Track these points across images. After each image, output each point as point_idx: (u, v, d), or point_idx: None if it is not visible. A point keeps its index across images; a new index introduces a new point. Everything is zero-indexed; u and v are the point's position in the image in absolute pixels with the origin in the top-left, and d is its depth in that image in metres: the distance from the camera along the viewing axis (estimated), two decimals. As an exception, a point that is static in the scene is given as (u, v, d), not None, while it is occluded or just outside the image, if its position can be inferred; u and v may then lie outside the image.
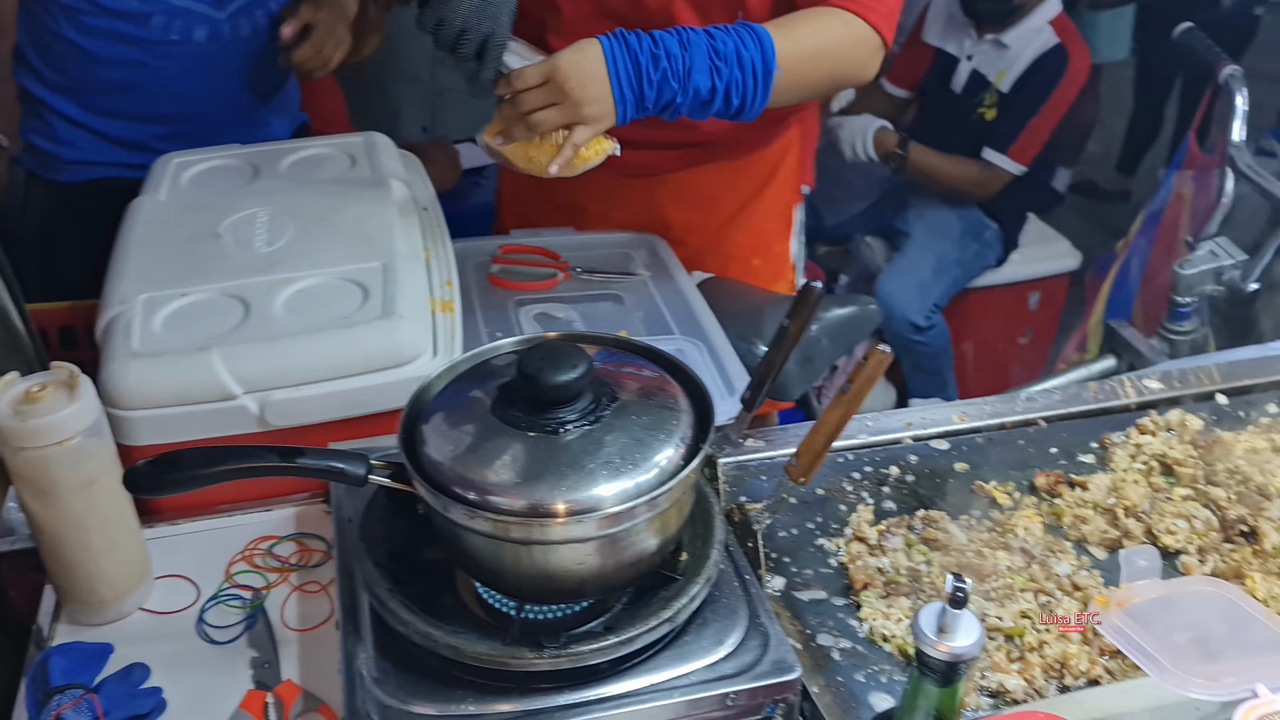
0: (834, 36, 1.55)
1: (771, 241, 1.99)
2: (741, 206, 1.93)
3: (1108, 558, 1.24)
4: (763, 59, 1.48)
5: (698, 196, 1.89)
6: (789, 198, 2.00)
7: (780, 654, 1.00)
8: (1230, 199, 2.01)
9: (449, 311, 1.44)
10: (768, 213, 1.96)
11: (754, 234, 1.96)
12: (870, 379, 1.08)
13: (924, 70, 3.25)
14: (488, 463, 0.96)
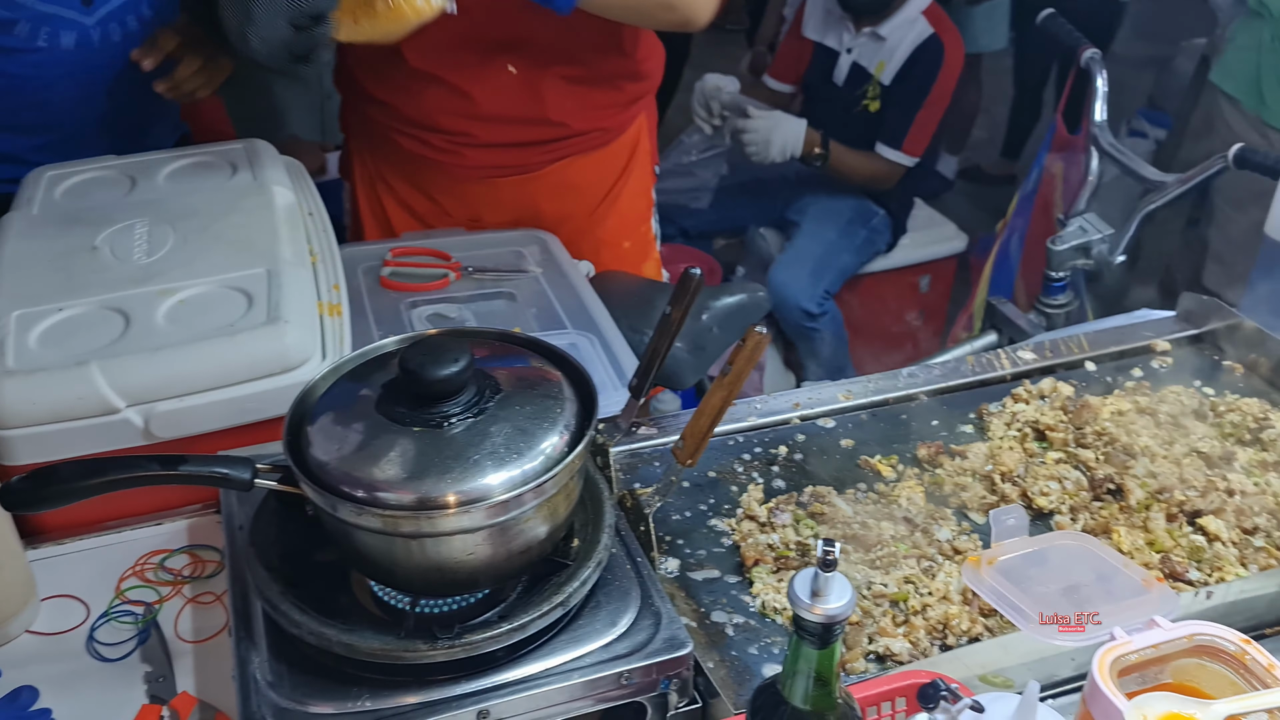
0: None
1: (637, 223, 2.07)
2: (607, 192, 1.99)
3: (986, 522, 1.29)
4: None
5: (567, 188, 1.94)
6: (647, 179, 2.08)
7: (672, 631, 1.03)
8: (1096, 177, 2.11)
9: (337, 315, 1.43)
10: (632, 195, 2.03)
11: (621, 217, 2.03)
12: (749, 360, 1.11)
13: (805, 64, 3.32)
14: (374, 460, 0.96)
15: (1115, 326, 1.70)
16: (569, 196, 1.96)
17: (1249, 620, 1.18)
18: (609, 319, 1.70)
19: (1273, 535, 1.27)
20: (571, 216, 1.98)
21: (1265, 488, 1.33)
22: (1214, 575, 1.21)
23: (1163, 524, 1.27)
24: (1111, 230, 2.02)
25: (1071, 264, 2.05)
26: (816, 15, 3.27)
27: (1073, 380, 1.55)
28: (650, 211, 2.14)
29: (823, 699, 0.84)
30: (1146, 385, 1.53)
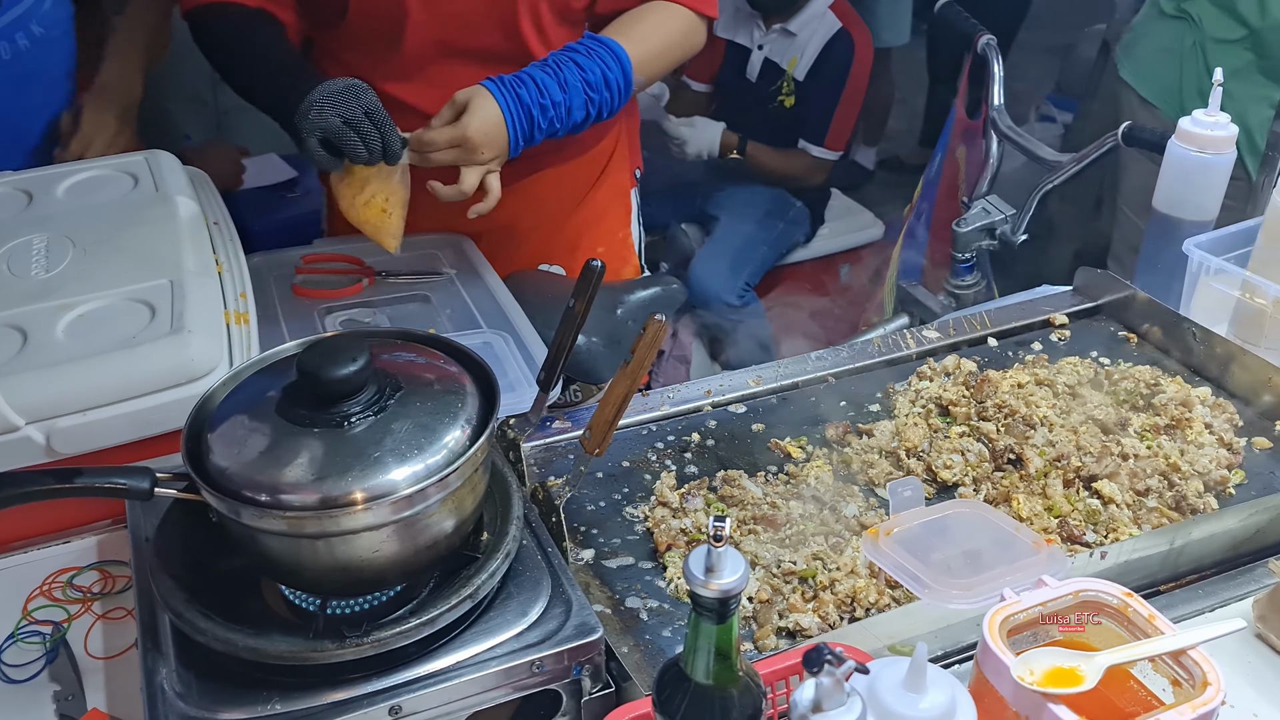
0: (671, 32, 1.74)
1: (614, 229, 2.05)
2: (581, 200, 1.97)
3: (894, 497, 1.33)
4: (624, 76, 1.67)
5: (540, 199, 1.92)
6: (624, 184, 2.06)
7: (583, 618, 1.04)
8: (996, 160, 2.16)
9: (245, 323, 1.42)
10: (606, 201, 2.02)
11: (595, 223, 2.01)
12: (650, 348, 1.13)
13: (719, 63, 3.36)
14: (275, 462, 0.96)
15: (1016, 303, 1.75)
16: (541, 207, 1.94)
17: (1144, 578, 1.22)
18: (524, 318, 1.71)
19: (1164, 496, 1.32)
20: (544, 224, 1.96)
21: (1157, 450, 1.38)
22: (1109, 536, 1.26)
23: (1060, 490, 1.31)
24: (1013, 211, 2.08)
25: (976, 245, 2.10)
26: (727, 13, 3.31)
27: (975, 356, 1.59)
28: (628, 217, 2.11)
29: (724, 673, 0.86)
30: (1045, 358, 1.58)
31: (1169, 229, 1.69)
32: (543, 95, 1.61)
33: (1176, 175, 1.67)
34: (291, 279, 1.80)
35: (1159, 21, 2.75)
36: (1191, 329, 1.59)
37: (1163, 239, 1.70)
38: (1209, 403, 1.47)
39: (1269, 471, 1.40)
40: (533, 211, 1.94)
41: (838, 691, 0.72)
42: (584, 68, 1.65)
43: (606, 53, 1.67)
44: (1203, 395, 1.48)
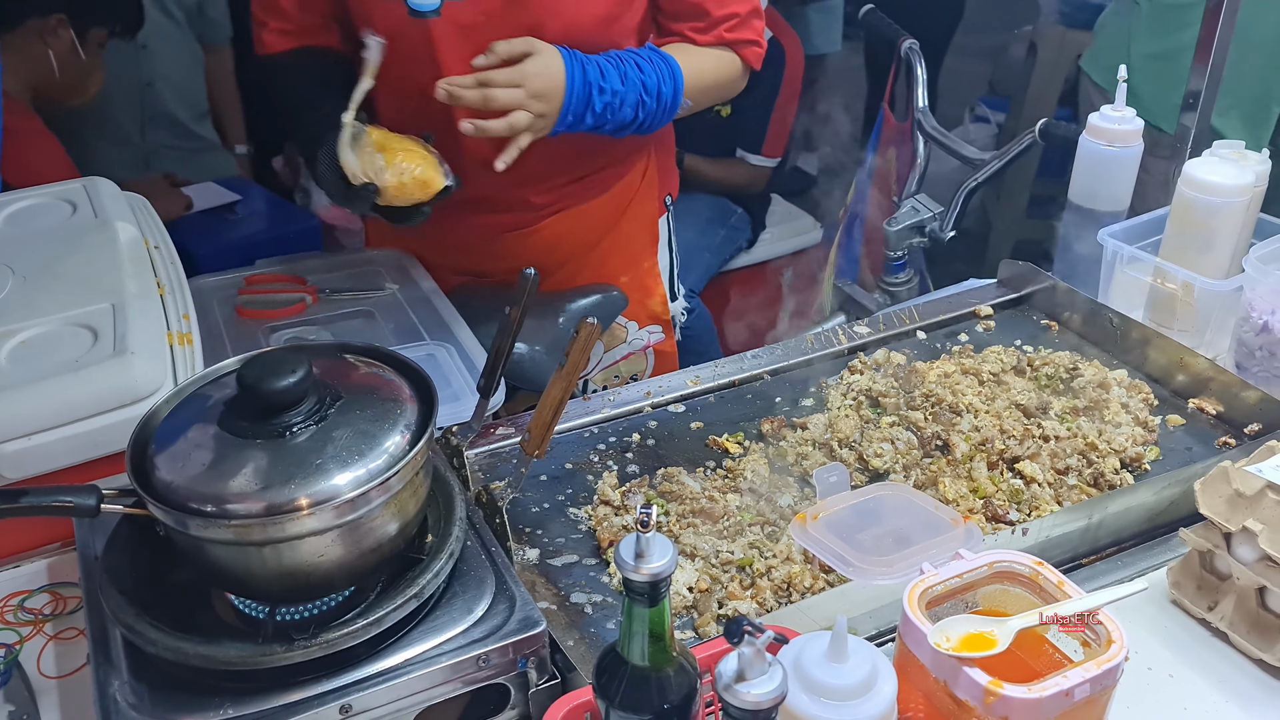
0: (723, 73, 1.79)
1: (639, 258, 2.03)
2: (607, 231, 1.96)
3: (827, 485, 1.38)
4: (674, 94, 1.69)
5: (565, 237, 1.91)
6: (652, 212, 2.04)
7: (526, 613, 1.08)
8: (924, 159, 2.23)
9: (188, 344, 1.45)
10: (631, 232, 2.00)
11: (620, 253, 1.99)
12: (583, 350, 1.17)
13: None
14: (220, 474, 0.99)
15: (944, 296, 1.82)
16: (566, 243, 1.92)
17: (1066, 553, 1.28)
18: (467, 330, 1.75)
19: (1083, 474, 1.38)
20: (570, 258, 1.95)
21: (1076, 432, 1.44)
22: (1032, 514, 1.32)
23: (984, 472, 1.37)
24: (942, 208, 2.15)
25: (908, 243, 2.16)
26: None
27: (905, 349, 1.65)
28: (654, 245, 2.08)
29: (659, 655, 0.91)
30: (971, 348, 1.64)
31: (1084, 220, 1.76)
32: (604, 78, 1.60)
33: (1089, 168, 1.74)
34: (235, 300, 1.82)
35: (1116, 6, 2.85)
36: (1109, 315, 1.66)
37: (1079, 230, 1.77)
38: (1125, 384, 1.54)
39: (1183, 447, 1.47)
40: (559, 249, 1.93)
41: (759, 661, 0.77)
42: (644, 71, 1.66)
43: (665, 66, 1.68)
44: (1119, 377, 1.55)
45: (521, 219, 1.88)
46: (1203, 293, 1.61)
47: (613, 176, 1.92)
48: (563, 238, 1.92)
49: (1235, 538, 1.16)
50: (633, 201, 1.99)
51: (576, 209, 1.91)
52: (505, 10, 1.61)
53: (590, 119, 1.61)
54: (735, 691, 0.77)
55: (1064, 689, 0.87)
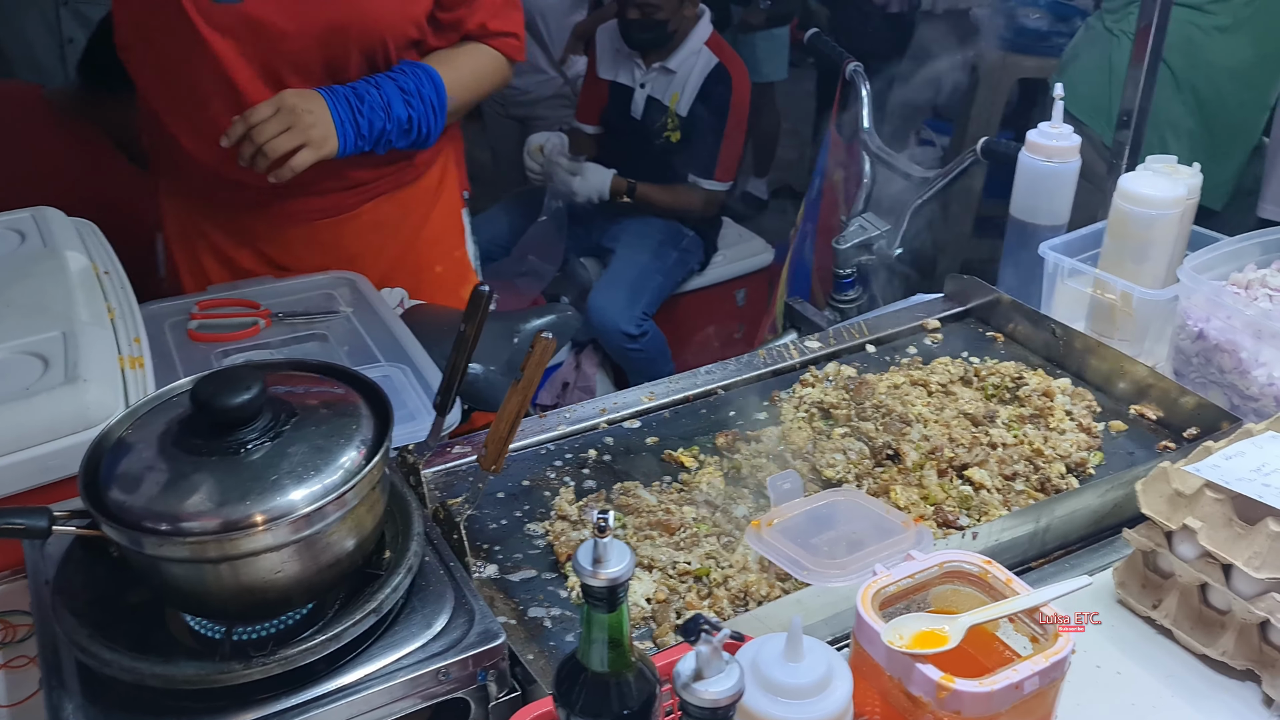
0: (484, 69, 1.93)
1: (450, 248, 2.15)
2: (419, 224, 2.06)
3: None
4: (437, 95, 1.81)
5: (378, 225, 2.00)
6: (456, 204, 2.17)
7: (485, 626, 1.08)
8: (870, 179, 2.28)
9: (139, 368, 1.44)
10: (441, 223, 2.12)
11: (433, 245, 2.11)
12: (539, 365, 1.19)
13: (605, 104, 3.47)
14: (175, 491, 0.99)
15: (892, 311, 1.85)
16: (382, 231, 2.02)
17: (1015, 557, 1.31)
18: (421, 350, 1.75)
19: (1030, 479, 1.42)
20: (385, 249, 2.04)
21: (1023, 438, 1.48)
22: (981, 519, 1.35)
23: (935, 479, 1.39)
24: (889, 226, 2.19)
25: (856, 260, 2.21)
26: (607, 55, 3.42)
27: (855, 363, 1.68)
28: (462, 237, 2.22)
29: (618, 660, 0.91)
30: (919, 360, 1.68)
31: (1026, 234, 1.81)
32: (357, 88, 1.74)
33: (1029, 184, 1.79)
34: (187, 325, 1.81)
35: (1092, 44, 2.94)
36: (1052, 326, 1.71)
37: (1021, 243, 1.81)
38: (1069, 392, 1.58)
39: (1126, 452, 1.51)
40: (375, 236, 2.03)
41: (716, 659, 0.78)
42: (398, 80, 1.79)
43: (419, 70, 1.82)
44: (1063, 386, 1.59)
45: (335, 202, 1.98)
46: (1141, 302, 1.66)
47: (420, 164, 2.04)
48: (372, 225, 2.02)
49: (1176, 536, 1.19)
50: (440, 191, 2.12)
51: (387, 199, 2.03)
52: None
53: (364, 121, 1.75)
54: (693, 690, 0.78)
55: (1014, 682, 0.89)
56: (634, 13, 3.27)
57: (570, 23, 4.11)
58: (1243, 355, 1.53)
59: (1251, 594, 1.12)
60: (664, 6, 3.23)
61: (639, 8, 3.24)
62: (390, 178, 1.98)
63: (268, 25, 1.73)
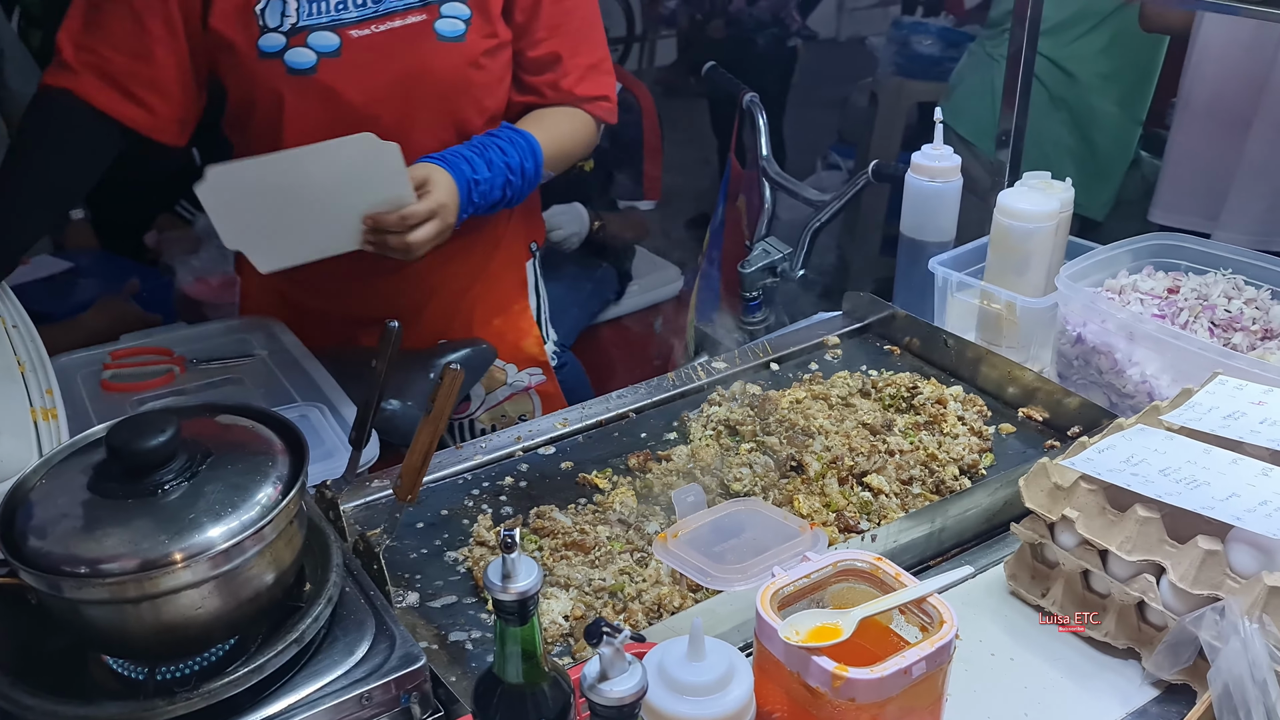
0: (577, 134, 1.91)
1: (509, 301, 2.10)
2: (475, 276, 2.02)
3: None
4: (535, 166, 1.80)
5: (433, 278, 1.95)
6: (520, 256, 2.12)
7: (406, 650, 1.12)
8: (770, 204, 2.36)
9: (52, 419, 1.45)
10: (499, 275, 2.06)
11: (490, 297, 2.05)
12: (448, 397, 1.23)
13: None
14: (92, 535, 1.01)
15: (794, 329, 1.93)
16: (438, 287, 1.97)
17: (914, 556, 1.38)
18: (338, 389, 1.78)
19: (926, 483, 1.49)
20: (439, 301, 1.99)
21: (918, 445, 1.56)
22: (881, 523, 1.42)
23: (836, 487, 1.46)
24: (791, 249, 2.27)
25: (761, 283, 2.28)
26: None
27: (760, 381, 1.75)
28: (524, 289, 2.15)
29: (533, 672, 0.96)
30: (820, 375, 1.75)
31: (916, 250, 1.90)
32: (474, 171, 1.73)
33: (915, 203, 1.89)
34: (100, 375, 1.82)
35: (975, 68, 3.10)
36: (944, 337, 1.80)
37: (912, 260, 1.91)
38: (960, 399, 1.67)
39: (1015, 452, 1.59)
40: (429, 290, 1.98)
41: (620, 660, 0.83)
42: (506, 153, 1.77)
43: (524, 142, 1.79)
44: (955, 393, 1.67)
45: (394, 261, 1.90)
46: (1024, 311, 1.76)
47: (480, 221, 1.97)
48: (435, 281, 1.98)
49: (1057, 527, 1.27)
50: (500, 246, 2.07)
51: (446, 251, 1.93)
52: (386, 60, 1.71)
53: (470, 208, 1.74)
54: (599, 690, 0.83)
55: (902, 667, 0.95)
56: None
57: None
58: (1118, 356, 1.64)
59: (1126, 576, 1.21)
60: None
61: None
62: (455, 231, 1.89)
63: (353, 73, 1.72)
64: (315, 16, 1.70)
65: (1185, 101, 2.76)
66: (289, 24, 1.69)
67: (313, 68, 1.70)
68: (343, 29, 1.71)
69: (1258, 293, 1.68)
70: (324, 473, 1.50)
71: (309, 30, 1.70)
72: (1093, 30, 2.92)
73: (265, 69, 1.70)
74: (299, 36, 1.69)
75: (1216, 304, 1.65)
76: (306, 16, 1.69)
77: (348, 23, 1.71)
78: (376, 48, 1.72)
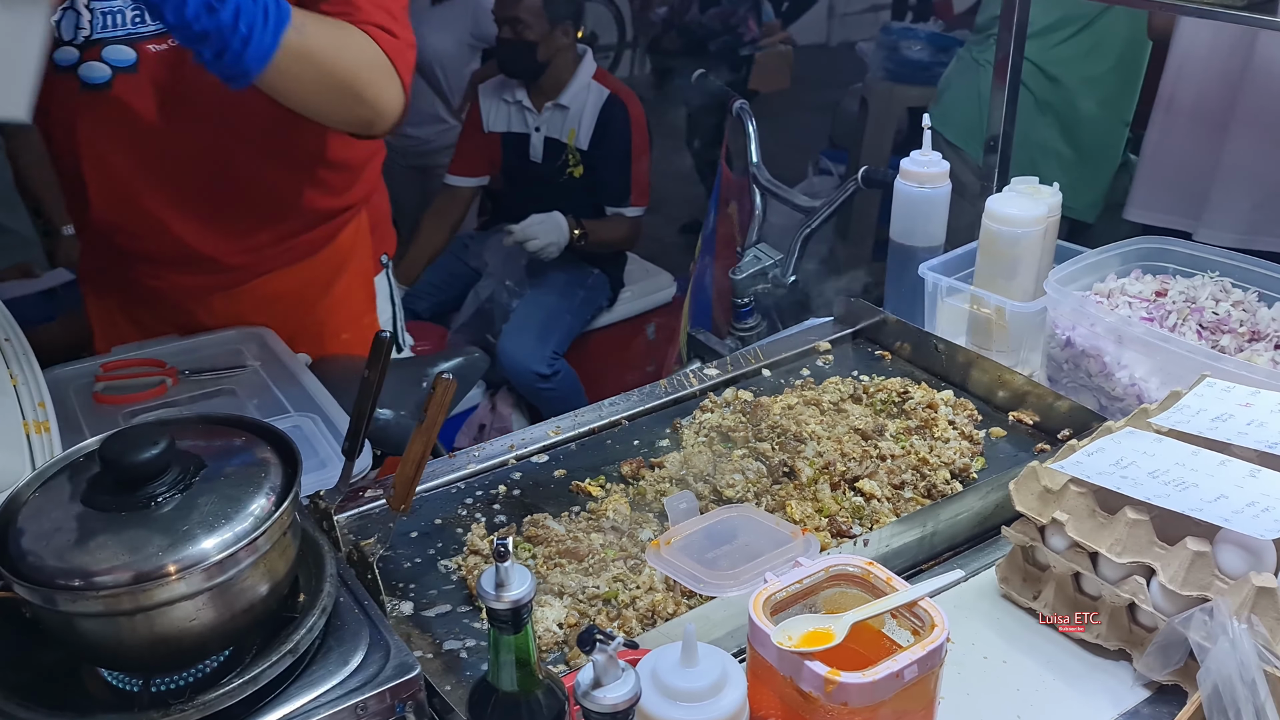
0: (357, 42, 1.59)
1: (359, 315, 2.12)
2: (321, 292, 2.04)
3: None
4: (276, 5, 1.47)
5: (280, 295, 1.97)
6: (368, 270, 2.14)
7: (401, 659, 1.12)
8: (761, 210, 2.37)
9: (45, 432, 1.45)
10: (349, 290, 2.09)
11: (339, 311, 2.07)
12: (441, 406, 1.23)
13: (495, 155, 3.55)
14: (86, 547, 1.01)
15: (785, 336, 1.94)
16: (281, 302, 1.99)
17: (906, 561, 1.39)
18: (331, 400, 1.78)
19: (918, 487, 1.50)
20: (287, 317, 2.01)
21: (910, 449, 1.56)
22: (873, 527, 1.42)
23: (828, 493, 1.47)
24: (782, 255, 2.28)
25: (753, 289, 2.29)
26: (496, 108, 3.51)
27: (752, 387, 1.76)
28: (372, 303, 2.17)
29: (527, 679, 0.97)
30: (812, 381, 1.76)
31: (906, 256, 1.91)
32: None
33: (905, 209, 1.90)
34: (92, 388, 1.82)
35: (962, 74, 3.11)
36: (935, 342, 1.80)
37: (902, 265, 1.92)
38: (951, 403, 1.68)
39: (1006, 456, 1.60)
40: (276, 306, 1.98)
41: (613, 667, 0.83)
42: None
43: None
44: (945, 397, 1.68)
45: (229, 279, 1.94)
46: (1013, 315, 1.77)
47: (320, 239, 1.99)
48: (277, 297, 1.98)
49: (1048, 529, 1.28)
50: (347, 261, 2.07)
51: (285, 270, 1.97)
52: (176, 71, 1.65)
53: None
54: (593, 697, 0.83)
55: (894, 671, 0.96)
56: (506, 31, 3.36)
57: (468, 71, 4.19)
58: (1107, 359, 1.65)
59: (1116, 578, 1.22)
60: (532, 25, 3.31)
61: (509, 24, 3.33)
62: (292, 250, 1.95)
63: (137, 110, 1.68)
64: (110, 29, 1.64)
65: (1164, 101, 2.77)
66: (83, 36, 1.64)
67: (107, 83, 1.65)
68: (140, 43, 1.65)
69: (1245, 295, 1.69)
70: (318, 483, 1.49)
71: (103, 44, 1.64)
72: (1078, 34, 2.94)
73: (60, 84, 1.64)
74: (93, 50, 1.64)
75: (1204, 306, 1.67)
76: (100, 29, 1.64)
77: (145, 36, 1.65)
78: (175, 64, 1.66)
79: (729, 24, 5.55)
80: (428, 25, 4.04)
